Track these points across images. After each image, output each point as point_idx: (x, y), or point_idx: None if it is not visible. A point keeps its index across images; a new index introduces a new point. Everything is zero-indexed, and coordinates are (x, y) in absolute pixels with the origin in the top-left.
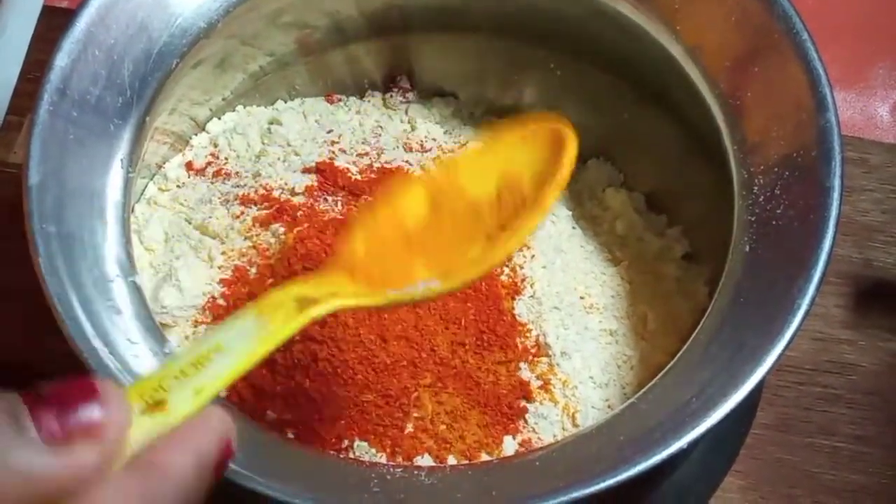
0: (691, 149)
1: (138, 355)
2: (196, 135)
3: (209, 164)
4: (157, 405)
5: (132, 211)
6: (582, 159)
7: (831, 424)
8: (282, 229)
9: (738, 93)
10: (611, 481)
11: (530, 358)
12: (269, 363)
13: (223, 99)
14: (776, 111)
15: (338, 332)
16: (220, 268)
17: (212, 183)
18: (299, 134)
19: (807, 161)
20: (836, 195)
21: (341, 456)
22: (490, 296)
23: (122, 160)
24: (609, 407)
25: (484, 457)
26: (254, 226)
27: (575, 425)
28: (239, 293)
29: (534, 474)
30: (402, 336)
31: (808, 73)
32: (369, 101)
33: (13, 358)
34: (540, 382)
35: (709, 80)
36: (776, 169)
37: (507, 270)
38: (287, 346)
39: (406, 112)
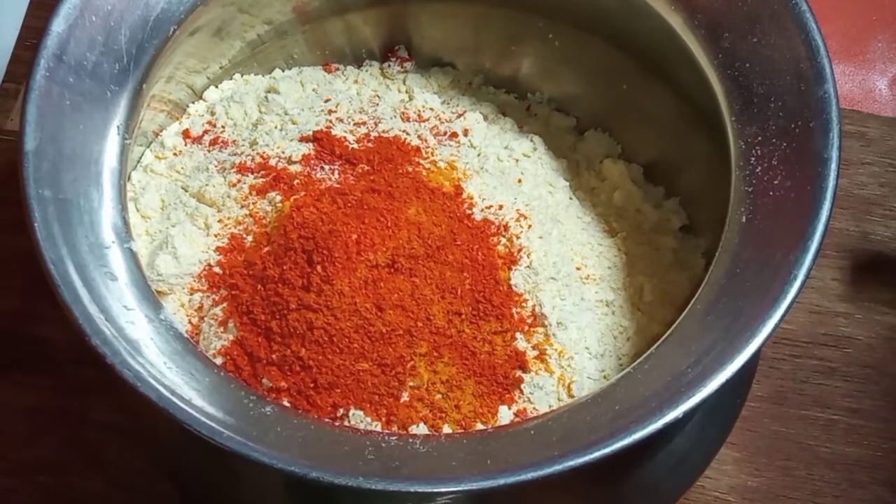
0: (689, 120)
1: (133, 322)
2: (193, 103)
3: (206, 132)
4: None
5: (129, 178)
6: (580, 130)
7: (827, 397)
8: (278, 197)
9: (736, 64)
10: (606, 450)
11: (526, 328)
12: (265, 331)
13: (220, 67)
14: (774, 82)
15: (333, 301)
16: (216, 235)
17: (209, 151)
18: (297, 103)
19: (804, 132)
20: (833, 166)
21: (336, 424)
22: (486, 266)
23: (118, 127)
24: (605, 377)
25: (479, 426)
26: (250, 194)
27: (570, 396)
28: (235, 261)
29: (529, 443)
30: (398, 305)
31: (806, 44)
32: (367, 71)
33: (9, 323)
34: (536, 352)
35: (707, 50)
36: (774, 140)
37: (503, 241)
38: (283, 315)
39: (404, 82)
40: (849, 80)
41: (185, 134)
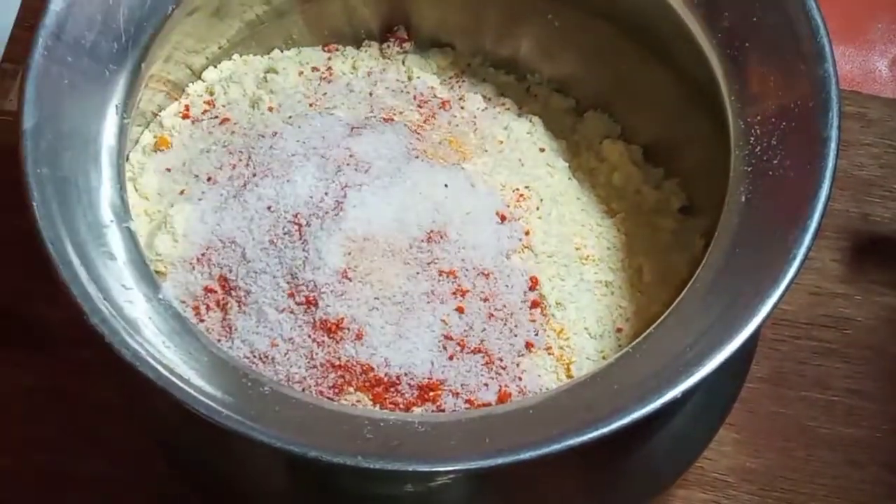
0: (689, 100)
1: (132, 301)
2: (192, 83)
3: (205, 112)
4: None
5: (127, 159)
6: (579, 111)
7: (826, 378)
8: None
9: (736, 43)
10: (604, 430)
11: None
12: None
13: (219, 47)
14: (774, 62)
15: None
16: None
17: (207, 131)
18: (295, 83)
19: (804, 111)
20: (833, 145)
21: (335, 403)
22: None
23: (116, 106)
24: (604, 358)
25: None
26: None
27: (569, 376)
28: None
29: (528, 422)
30: None
31: (806, 23)
32: (366, 52)
33: (7, 302)
34: (534, 332)
35: (707, 30)
36: (773, 119)
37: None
38: None
39: (403, 62)
40: (849, 62)
41: (184, 114)
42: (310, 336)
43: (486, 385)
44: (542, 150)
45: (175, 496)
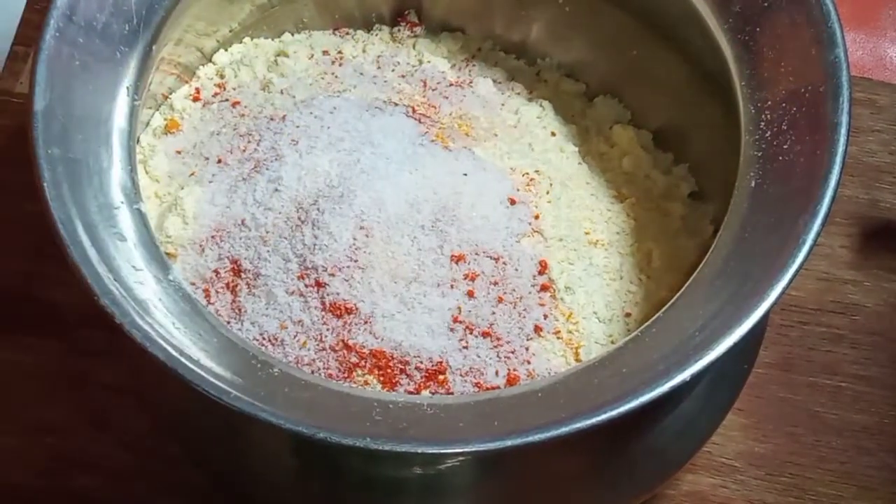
0: (700, 85)
1: (142, 282)
2: (203, 66)
3: (215, 94)
4: None
5: (138, 141)
6: (590, 96)
7: (834, 364)
8: None
9: (746, 28)
10: (612, 413)
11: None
12: None
13: (230, 30)
14: (785, 47)
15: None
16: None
17: (218, 114)
18: (306, 67)
19: (814, 97)
20: (843, 131)
21: (344, 385)
22: None
23: (128, 88)
24: (612, 342)
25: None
26: None
27: (578, 360)
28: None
29: (536, 405)
30: None
31: (817, 8)
32: (377, 35)
33: (17, 284)
34: (543, 316)
35: (718, 15)
36: (784, 104)
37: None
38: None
39: (413, 46)
40: (860, 48)
41: (195, 97)
42: (319, 318)
43: (494, 368)
44: (552, 134)
45: (183, 479)
